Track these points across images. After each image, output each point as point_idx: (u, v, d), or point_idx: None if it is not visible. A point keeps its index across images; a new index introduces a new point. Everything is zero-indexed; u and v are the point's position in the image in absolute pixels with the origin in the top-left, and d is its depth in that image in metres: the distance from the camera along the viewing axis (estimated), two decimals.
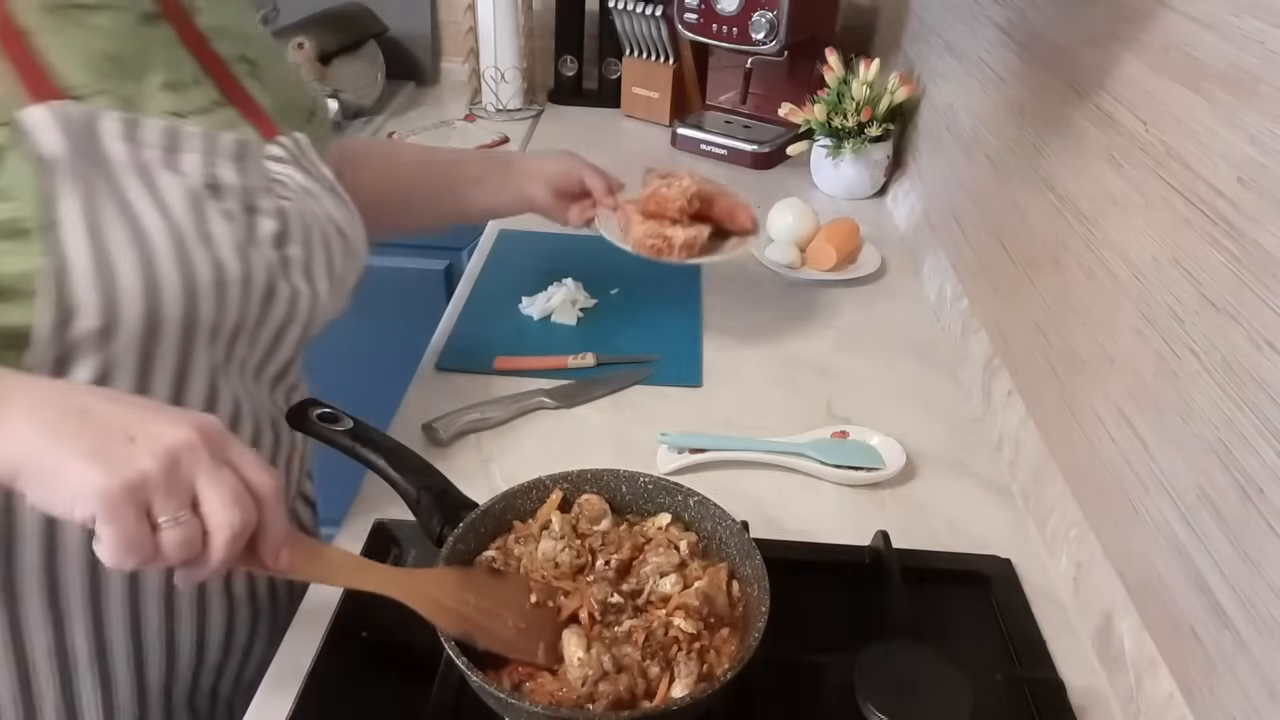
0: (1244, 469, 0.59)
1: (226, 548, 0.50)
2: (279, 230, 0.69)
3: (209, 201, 0.64)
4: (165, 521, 0.48)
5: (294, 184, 0.73)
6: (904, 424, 0.99)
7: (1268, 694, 0.56)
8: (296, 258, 0.70)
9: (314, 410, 0.75)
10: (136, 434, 0.48)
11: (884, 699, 0.63)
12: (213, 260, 0.62)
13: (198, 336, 0.63)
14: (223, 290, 0.63)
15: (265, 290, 0.67)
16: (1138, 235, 0.76)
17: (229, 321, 0.65)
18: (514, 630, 0.64)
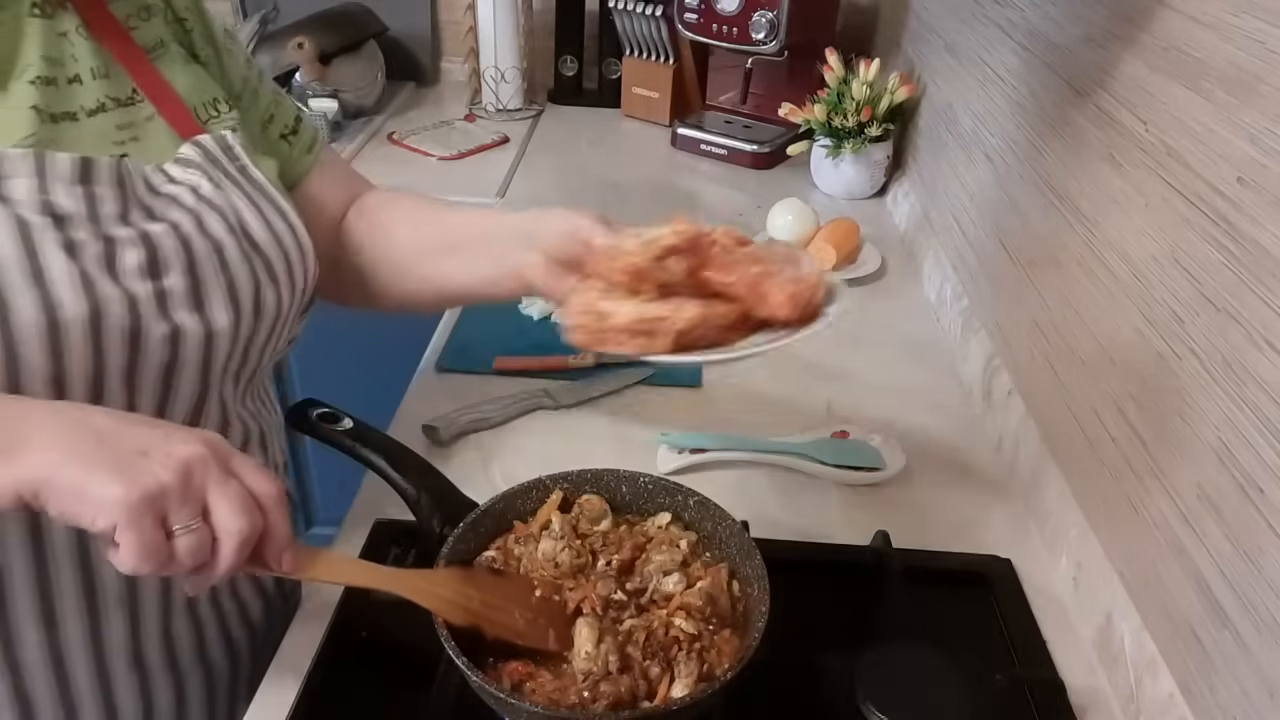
0: (1244, 469, 0.59)
1: (235, 553, 0.51)
2: (147, 259, 0.60)
3: (46, 231, 0.56)
4: (179, 529, 0.50)
5: (190, 198, 0.64)
6: (904, 424, 0.99)
7: (1268, 694, 0.56)
8: (177, 288, 0.61)
9: (314, 410, 0.75)
10: (150, 449, 0.50)
11: (884, 699, 0.63)
12: (42, 300, 0.55)
13: (27, 385, 0.56)
14: (56, 332, 0.55)
15: (129, 329, 0.59)
16: (1138, 235, 0.76)
17: (77, 367, 0.57)
18: (522, 621, 0.64)
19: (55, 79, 0.61)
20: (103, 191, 0.60)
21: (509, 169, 1.67)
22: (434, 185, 1.60)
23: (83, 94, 0.62)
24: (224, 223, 0.65)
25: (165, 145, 0.65)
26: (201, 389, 0.65)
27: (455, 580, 0.65)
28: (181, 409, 0.65)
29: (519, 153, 1.76)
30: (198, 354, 0.63)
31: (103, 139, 0.62)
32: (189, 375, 0.64)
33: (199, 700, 0.75)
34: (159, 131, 0.66)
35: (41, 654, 0.64)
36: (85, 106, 0.62)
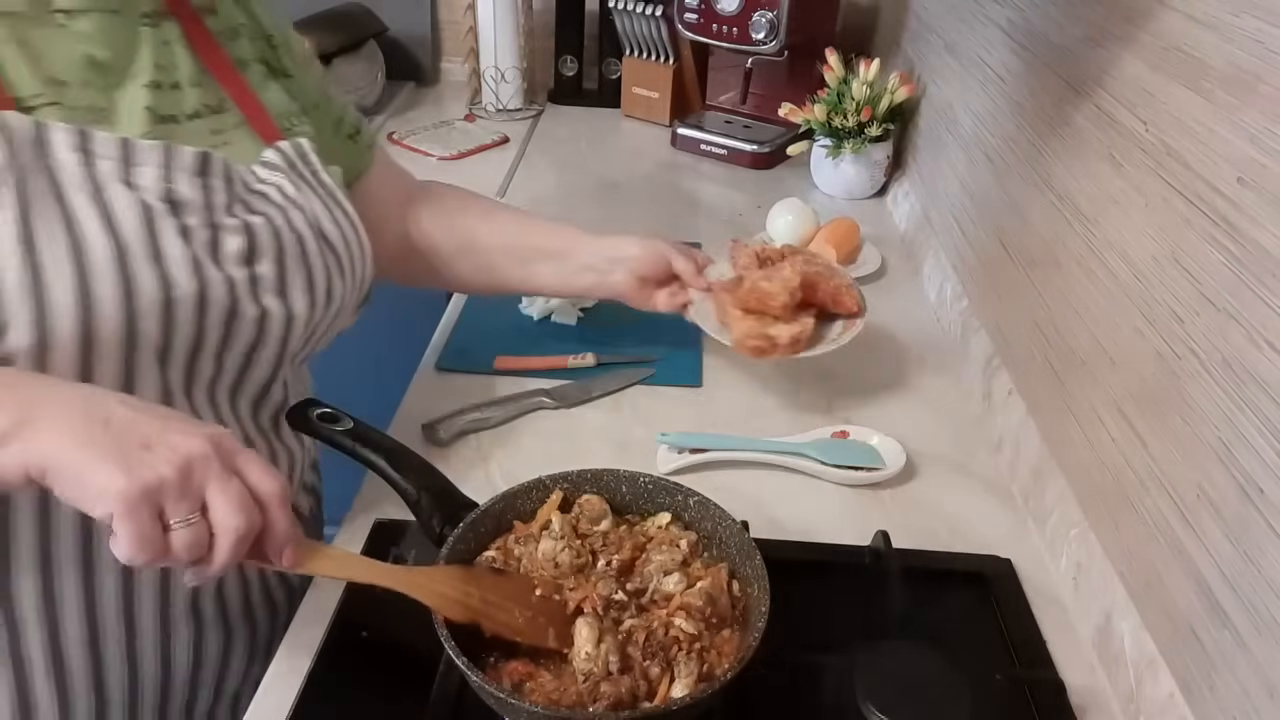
0: (1244, 469, 0.59)
1: (230, 550, 0.53)
2: (246, 247, 0.67)
3: (165, 217, 0.62)
4: (177, 523, 0.51)
5: (278, 196, 0.71)
6: (904, 424, 0.99)
7: (1267, 693, 0.56)
8: (268, 275, 0.68)
9: (314, 410, 0.75)
10: (154, 442, 0.51)
11: (884, 699, 0.63)
12: (161, 278, 0.61)
13: (140, 355, 0.62)
14: (170, 309, 0.62)
15: (226, 310, 0.65)
16: (1138, 235, 0.76)
17: (181, 341, 0.64)
18: (522, 618, 0.65)
19: (162, 84, 0.67)
20: (215, 183, 0.66)
21: (509, 169, 1.67)
22: None
23: (183, 100, 0.69)
24: (304, 219, 0.72)
25: (250, 149, 0.72)
26: (275, 365, 0.73)
27: (456, 578, 0.66)
28: (256, 381, 0.73)
29: (519, 153, 1.76)
30: (279, 335, 0.70)
31: (200, 141, 0.68)
32: (268, 353, 0.71)
33: (242, 649, 0.81)
34: (245, 137, 0.72)
35: (115, 600, 0.69)
36: (185, 111, 0.68)
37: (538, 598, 0.66)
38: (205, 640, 0.77)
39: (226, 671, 0.81)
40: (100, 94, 0.64)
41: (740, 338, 0.93)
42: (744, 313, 0.94)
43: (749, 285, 0.94)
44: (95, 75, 0.63)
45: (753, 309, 0.94)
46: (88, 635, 0.69)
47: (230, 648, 0.80)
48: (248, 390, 0.72)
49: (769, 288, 0.93)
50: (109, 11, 0.65)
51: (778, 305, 0.93)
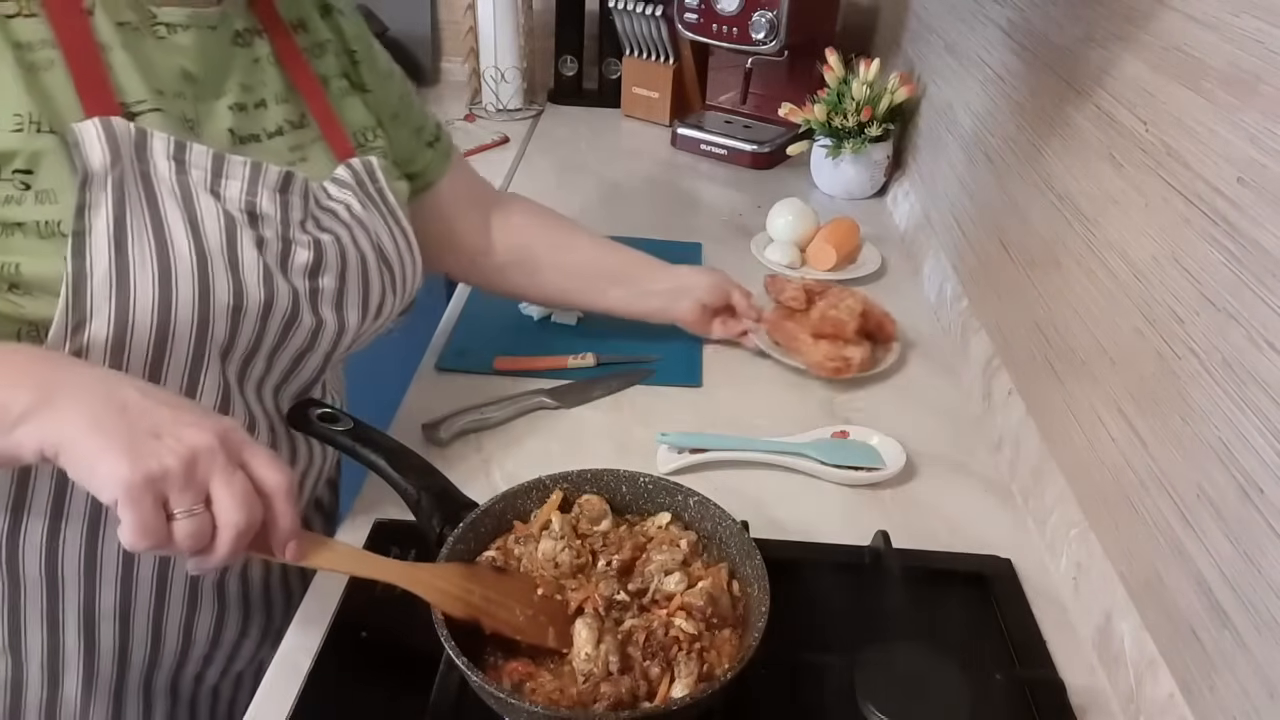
0: (1244, 469, 0.59)
1: (231, 544, 0.54)
2: (313, 261, 0.71)
3: (244, 228, 0.66)
4: (180, 513, 0.52)
5: (345, 214, 0.75)
6: (904, 424, 0.99)
7: (1268, 694, 0.56)
8: (329, 289, 0.72)
9: (314, 410, 0.75)
10: (164, 432, 0.52)
11: (884, 699, 0.63)
12: (235, 285, 0.64)
13: (209, 353, 0.66)
14: (239, 314, 0.65)
15: (288, 318, 0.69)
16: (1138, 235, 0.76)
17: (243, 342, 0.68)
18: (522, 617, 0.65)
19: (246, 105, 0.71)
20: (294, 200, 0.70)
21: (509, 169, 1.67)
22: None
23: (266, 117, 0.72)
24: (368, 239, 0.76)
25: (325, 165, 0.76)
26: (321, 369, 0.77)
27: (458, 575, 0.66)
28: (301, 381, 0.77)
29: (519, 153, 1.76)
30: (329, 344, 0.75)
31: (279, 158, 0.72)
32: (316, 359, 0.75)
33: (257, 630, 0.85)
34: (321, 153, 0.76)
35: (151, 571, 0.73)
36: (267, 129, 0.72)
37: (539, 597, 0.66)
38: (227, 618, 0.81)
39: (239, 652, 0.85)
40: (191, 106, 0.67)
41: (820, 360, 1.05)
42: (816, 338, 1.06)
43: (820, 314, 1.07)
44: (188, 87, 0.67)
45: (825, 334, 1.06)
46: (120, 604, 0.73)
47: (247, 629, 0.84)
48: (290, 389, 0.76)
49: (840, 315, 1.06)
50: (207, 28, 0.68)
51: (850, 330, 1.06)
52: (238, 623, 0.83)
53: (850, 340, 1.07)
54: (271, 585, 0.85)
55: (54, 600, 0.71)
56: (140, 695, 0.79)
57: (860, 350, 1.06)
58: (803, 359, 1.07)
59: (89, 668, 0.74)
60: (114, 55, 0.62)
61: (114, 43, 0.62)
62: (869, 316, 1.09)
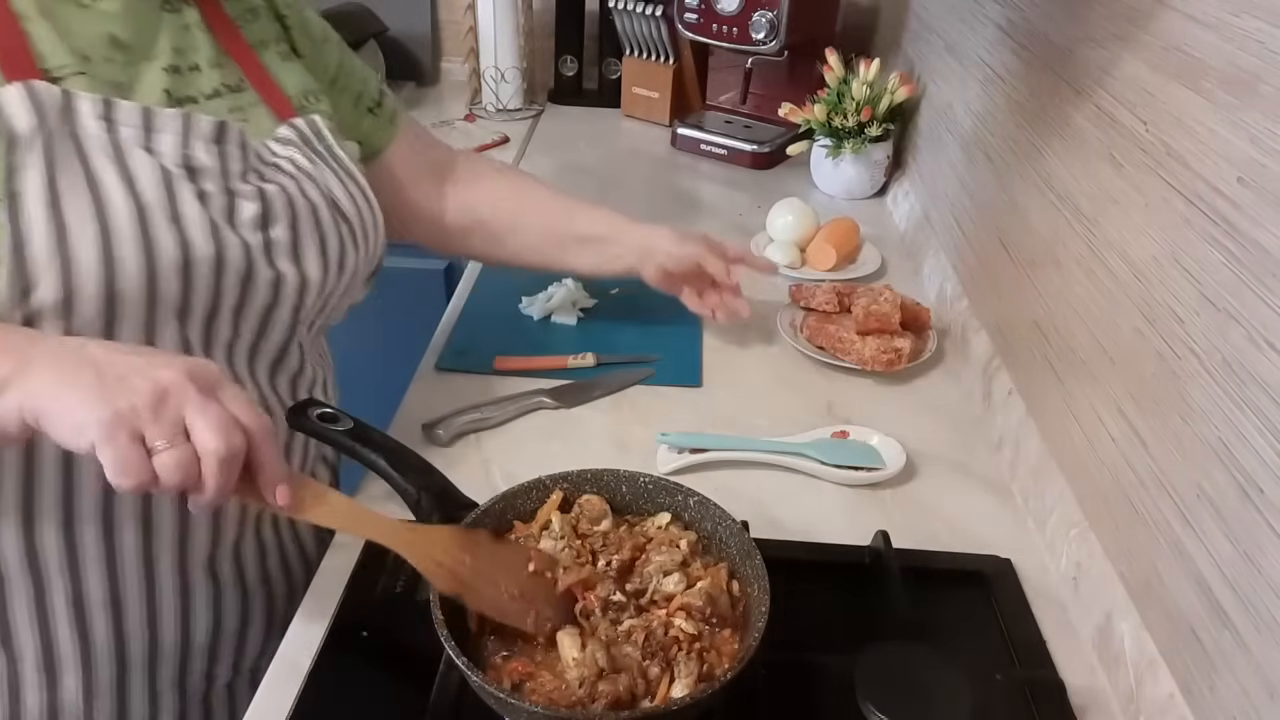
0: (1244, 469, 0.59)
1: (218, 473, 0.54)
2: (260, 212, 0.70)
3: (183, 182, 0.65)
4: (158, 445, 0.53)
5: (291, 168, 0.74)
6: (904, 424, 0.99)
7: (1268, 694, 0.56)
8: (282, 240, 0.71)
9: (314, 410, 0.75)
10: (131, 374, 0.54)
11: (884, 699, 0.63)
12: (180, 239, 0.64)
13: (161, 313, 0.65)
14: (189, 269, 0.64)
15: (243, 272, 0.68)
16: (1138, 235, 0.76)
17: (199, 301, 0.67)
18: (506, 596, 0.65)
19: (180, 67, 0.70)
20: (231, 150, 0.69)
21: None
22: None
23: (201, 80, 0.72)
24: (317, 190, 0.75)
25: (267, 127, 0.75)
26: (290, 329, 0.76)
27: (454, 543, 0.66)
28: (273, 344, 0.75)
29: (519, 153, 1.76)
30: (293, 298, 0.73)
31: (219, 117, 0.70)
32: (283, 316, 0.74)
33: (260, 619, 0.84)
34: (262, 115, 0.75)
35: (136, 551, 0.72)
36: (204, 91, 0.72)
37: (530, 573, 0.66)
38: (224, 602, 0.80)
39: (244, 643, 0.83)
40: (121, 70, 0.66)
41: (873, 354, 1.07)
42: (863, 335, 1.08)
43: (864, 310, 1.09)
44: (117, 53, 0.66)
45: (871, 330, 1.08)
46: (109, 592, 0.72)
47: (248, 616, 0.82)
48: (265, 353, 0.75)
49: (883, 309, 1.08)
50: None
51: (896, 322, 1.08)
52: (236, 609, 0.81)
53: (896, 332, 1.09)
54: (269, 567, 0.83)
55: (40, 594, 0.70)
56: (145, 693, 0.78)
57: (907, 341, 1.08)
58: (853, 358, 1.08)
59: (86, 665, 0.73)
60: (32, 24, 0.63)
61: (31, 12, 0.63)
62: (905, 308, 1.11)
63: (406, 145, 0.98)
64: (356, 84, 0.92)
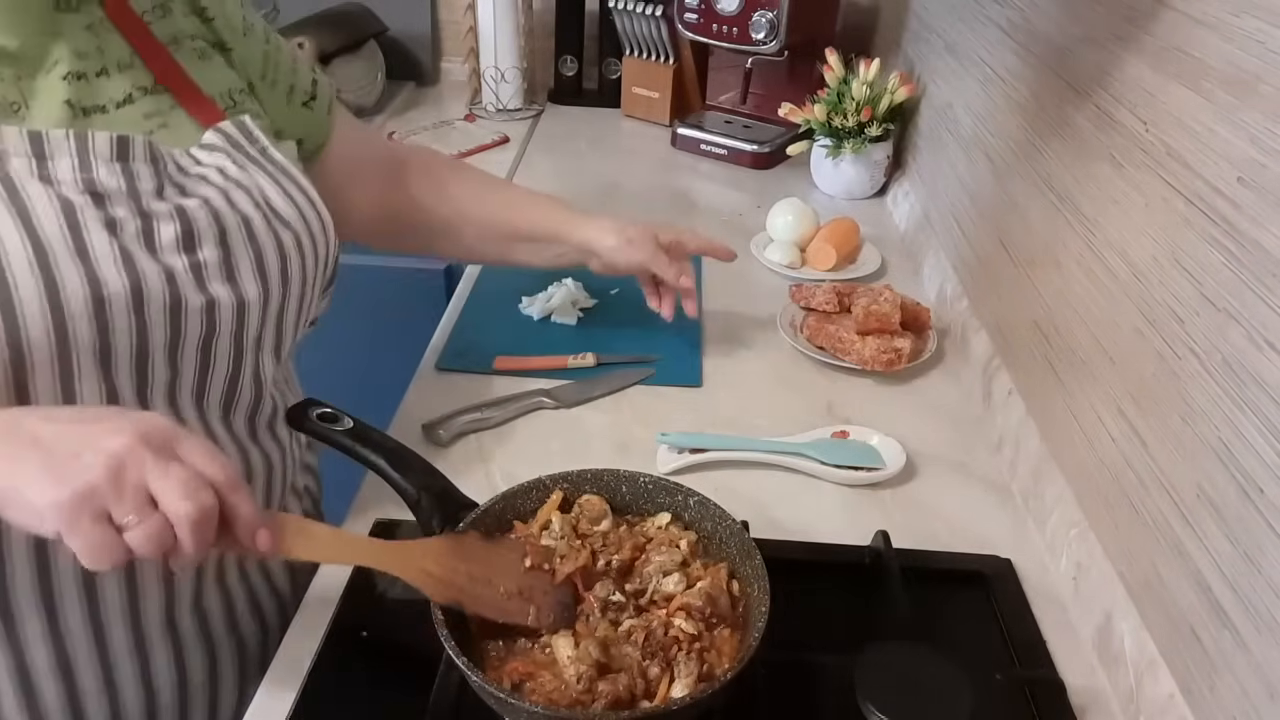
0: (1244, 469, 0.59)
1: (193, 536, 0.52)
2: (182, 232, 0.63)
3: (88, 210, 0.58)
4: (128, 521, 0.50)
5: (217, 176, 0.67)
6: (904, 424, 0.99)
7: (1268, 694, 0.56)
8: (211, 260, 0.64)
9: (314, 410, 0.75)
10: (81, 449, 0.50)
11: (884, 699, 0.63)
12: (88, 275, 0.57)
13: (80, 362, 0.58)
14: (102, 309, 0.58)
15: (170, 303, 0.61)
16: (1138, 235, 0.76)
17: (121, 343, 0.60)
18: (505, 595, 0.64)
19: (85, 73, 0.63)
20: (139, 168, 0.62)
21: (509, 169, 1.67)
22: None
23: (110, 86, 0.64)
24: (250, 199, 0.67)
25: (190, 132, 0.68)
26: (236, 359, 0.68)
27: (445, 553, 0.65)
28: (219, 379, 0.68)
29: (519, 153, 1.76)
30: (231, 323, 0.66)
31: (132, 127, 0.64)
32: (224, 345, 0.67)
33: (231, 669, 0.78)
34: (183, 120, 0.68)
35: (82, 620, 0.66)
36: (114, 98, 0.64)
37: (527, 569, 0.66)
38: (187, 660, 0.74)
39: (217, 696, 0.77)
40: (11, 87, 0.59)
41: (873, 354, 1.07)
42: (863, 335, 1.08)
43: (864, 310, 1.08)
44: (5, 67, 0.59)
45: (871, 330, 1.08)
46: (56, 663, 0.66)
47: (217, 669, 0.76)
48: (213, 390, 0.68)
49: (883, 309, 1.08)
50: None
51: (896, 322, 1.08)
52: (202, 664, 0.75)
53: (896, 332, 1.09)
54: (237, 614, 0.77)
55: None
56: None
57: (907, 341, 1.08)
58: (853, 358, 1.08)
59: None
60: None
61: None
62: (905, 308, 1.11)
63: (346, 139, 0.91)
64: (286, 76, 0.82)
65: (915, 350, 1.10)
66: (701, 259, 1.35)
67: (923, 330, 1.14)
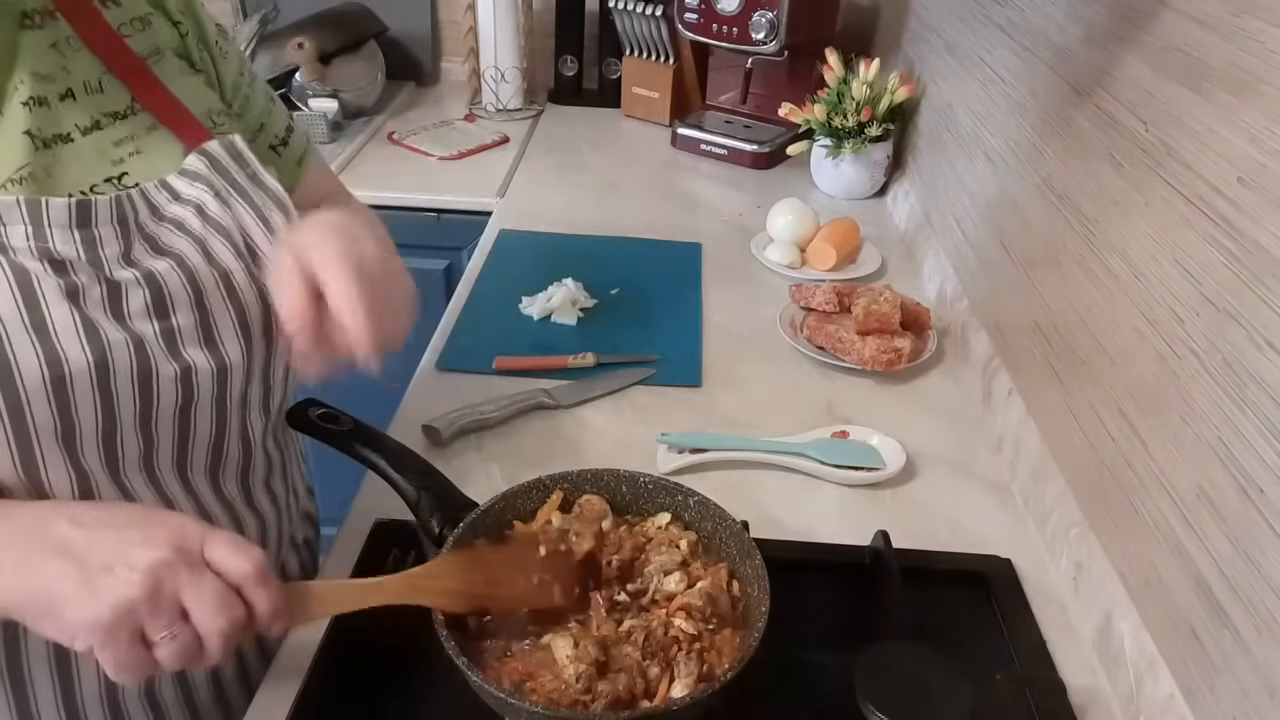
0: (1244, 469, 0.59)
1: (221, 649, 0.52)
2: (153, 300, 0.58)
3: (45, 278, 0.53)
4: (161, 639, 0.50)
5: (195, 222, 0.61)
6: (904, 424, 0.99)
7: (1268, 694, 0.56)
8: (186, 325, 0.59)
9: (314, 410, 0.75)
10: (114, 562, 0.49)
11: (884, 699, 0.63)
12: (46, 352, 0.53)
13: (39, 443, 0.55)
14: (64, 387, 0.54)
15: (140, 373, 0.57)
16: (1138, 235, 0.76)
17: (86, 420, 0.56)
18: (527, 587, 0.65)
19: (46, 98, 0.57)
20: (103, 231, 0.57)
21: (509, 169, 1.67)
22: (434, 185, 1.60)
23: (76, 111, 0.59)
24: (229, 247, 0.62)
25: (169, 155, 0.63)
26: (219, 425, 0.64)
27: (457, 567, 0.65)
28: (200, 446, 0.64)
29: (519, 153, 1.76)
30: (210, 390, 0.62)
31: (100, 157, 0.60)
32: (203, 411, 0.62)
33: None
34: (162, 141, 0.63)
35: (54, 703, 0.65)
36: (80, 124, 0.59)
37: (544, 556, 0.66)
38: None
39: None
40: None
41: (873, 354, 1.07)
42: (863, 335, 1.08)
43: (864, 310, 1.08)
44: None
45: (871, 330, 1.08)
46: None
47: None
48: (196, 458, 0.64)
49: (883, 309, 1.09)
50: None
51: (896, 322, 1.09)
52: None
53: (896, 332, 1.09)
54: (224, 683, 0.75)
55: None
56: None
57: (907, 341, 1.08)
58: (853, 358, 1.08)
59: None
60: None
61: None
62: (905, 308, 1.12)
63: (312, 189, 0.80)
64: (257, 114, 0.75)
65: (915, 350, 1.10)
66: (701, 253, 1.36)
67: (923, 330, 1.14)
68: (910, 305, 1.13)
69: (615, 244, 1.39)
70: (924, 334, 1.14)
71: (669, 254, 1.37)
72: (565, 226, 1.44)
